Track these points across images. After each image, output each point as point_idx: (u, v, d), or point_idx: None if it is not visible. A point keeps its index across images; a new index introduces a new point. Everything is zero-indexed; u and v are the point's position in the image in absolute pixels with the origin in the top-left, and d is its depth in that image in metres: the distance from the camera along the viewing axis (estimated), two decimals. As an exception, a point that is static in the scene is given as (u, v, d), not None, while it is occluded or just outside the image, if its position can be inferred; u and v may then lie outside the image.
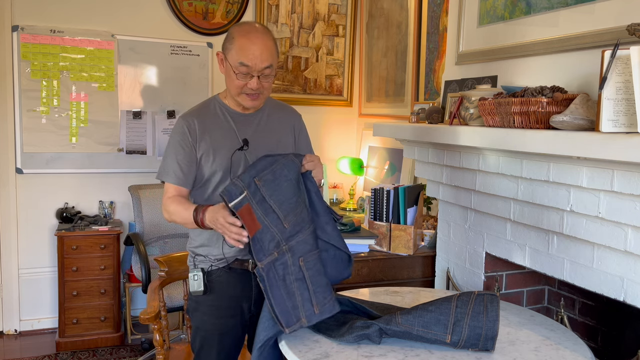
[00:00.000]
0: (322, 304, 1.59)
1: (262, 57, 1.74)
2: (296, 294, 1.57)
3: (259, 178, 1.66)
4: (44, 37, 3.63)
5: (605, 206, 1.61)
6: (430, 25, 3.43)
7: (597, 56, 1.55)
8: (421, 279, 2.71)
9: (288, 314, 1.55)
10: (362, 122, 4.37)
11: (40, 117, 3.66)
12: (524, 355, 1.49)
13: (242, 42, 1.75)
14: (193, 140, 1.82)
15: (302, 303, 1.57)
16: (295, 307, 1.56)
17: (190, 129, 1.83)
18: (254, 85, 1.77)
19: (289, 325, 1.54)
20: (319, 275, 1.63)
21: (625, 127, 1.46)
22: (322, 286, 1.62)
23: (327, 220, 1.74)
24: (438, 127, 2.24)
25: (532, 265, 2.01)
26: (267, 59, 1.76)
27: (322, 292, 1.60)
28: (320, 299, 1.59)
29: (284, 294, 1.56)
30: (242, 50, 1.74)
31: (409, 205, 2.67)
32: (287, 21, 4.22)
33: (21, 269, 3.72)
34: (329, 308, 1.60)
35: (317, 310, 1.58)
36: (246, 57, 1.74)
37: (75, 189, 3.79)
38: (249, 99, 1.81)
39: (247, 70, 1.75)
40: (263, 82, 1.79)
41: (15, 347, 3.54)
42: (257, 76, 1.76)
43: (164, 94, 3.93)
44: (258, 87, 1.77)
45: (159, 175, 1.88)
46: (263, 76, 1.77)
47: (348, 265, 1.78)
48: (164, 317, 2.22)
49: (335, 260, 1.75)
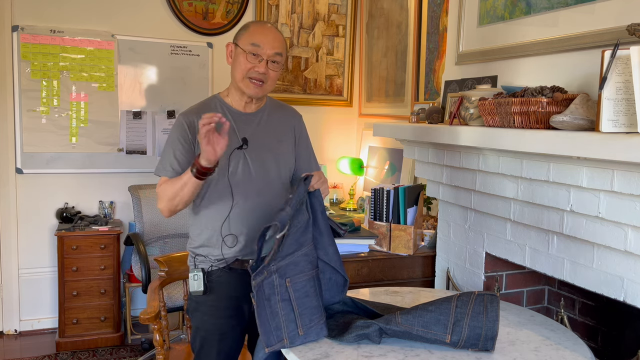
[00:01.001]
0: (307, 327, 1.56)
1: (274, 42, 1.81)
2: (280, 315, 1.55)
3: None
4: (44, 37, 3.63)
5: (605, 206, 1.61)
6: (430, 25, 3.43)
7: (597, 56, 1.55)
8: (421, 279, 2.71)
9: (269, 334, 1.54)
10: (362, 122, 4.37)
11: (40, 117, 3.66)
12: (524, 355, 1.49)
13: (256, 27, 1.85)
14: (192, 137, 1.83)
15: (286, 324, 1.55)
16: (279, 327, 1.55)
17: (190, 125, 1.83)
18: (262, 69, 1.80)
19: (269, 345, 1.53)
20: (306, 297, 1.59)
21: (625, 127, 1.46)
22: (310, 308, 1.58)
23: (330, 241, 1.72)
24: (438, 127, 2.24)
25: (532, 265, 2.01)
26: (279, 47, 1.83)
27: (309, 314, 1.57)
28: (306, 322, 1.56)
29: (268, 313, 1.55)
30: (256, 32, 1.82)
31: (409, 205, 2.67)
32: (287, 21, 4.22)
33: (21, 269, 3.72)
34: (315, 331, 1.57)
35: (302, 332, 1.55)
36: (259, 38, 1.81)
37: (75, 189, 3.79)
38: (253, 85, 1.82)
39: (258, 50, 1.79)
40: (270, 70, 1.82)
41: (15, 347, 3.54)
42: (266, 61, 1.80)
43: (164, 94, 3.93)
44: (265, 71, 1.80)
45: (157, 171, 1.87)
46: (271, 63, 1.81)
47: (343, 289, 1.74)
48: (164, 317, 2.22)
49: (331, 283, 1.72)
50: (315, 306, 1.59)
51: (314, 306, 1.59)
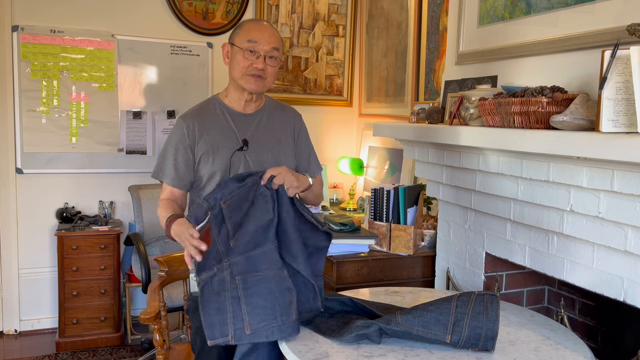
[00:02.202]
0: (255, 327, 1.53)
1: (270, 38, 1.82)
2: (228, 311, 1.54)
3: (224, 200, 1.61)
4: (44, 37, 3.63)
5: (605, 206, 1.61)
6: (430, 25, 3.43)
7: (597, 56, 1.55)
8: (421, 279, 2.71)
9: (213, 327, 1.53)
10: (362, 122, 4.37)
11: (40, 117, 3.66)
12: (524, 355, 1.49)
13: (251, 24, 1.85)
14: (191, 142, 1.83)
15: (232, 321, 1.53)
16: (224, 323, 1.53)
17: (189, 130, 1.83)
18: (260, 65, 1.80)
19: (211, 339, 1.52)
20: (258, 296, 1.55)
21: (625, 127, 1.46)
22: (261, 308, 1.54)
23: (298, 249, 1.65)
24: (438, 127, 2.24)
25: (532, 265, 2.01)
26: (275, 42, 1.83)
27: (259, 314, 1.53)
28: (255, 322, 1.53)
29: (214, 308, 1.54)
30: (252, 29, 1.83)
31: (409, 205, 2.67)
32: (287, 21, 4.22)
33: (21, 269, 3.72)
34: (265, 333, 1.53)
35: (249, 330, 1.53)
36: (255, 35, 1.81)
37: (75, 189, 3.79)
38: (253, 80, 1.82)
39: (255, 47, 1.80)
40: (268, 66, 1.82)
41: (15, 347, 3.54)
42: (263, 56, 1.81)
43: (164, 94, 3.93)
44: (263, 67, 1.81)
45: (154, 174, 1.88)
46: (269, 58, 1.82)
47: (315, 296, 1.68)
48: (164, 317, 2.22)
49: (305, 286, 1.67)
50: (269, 307, 1.54)
51: (267, 307, 1.54)
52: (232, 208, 1.62)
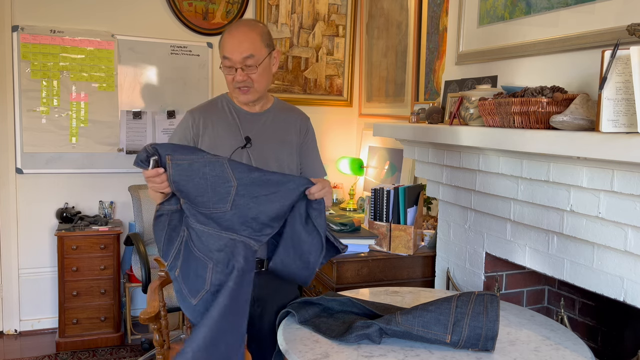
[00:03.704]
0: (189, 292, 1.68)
1: (240, 48, 1.77)
2: (174, 247, 1.72)
3: (172, 158, 1.58)
4: (44, 37, 3.63)
5: (605, 206, 1.61)
6: (430, 25, 3.43)
7: (597, 56, 1.55)
8: (421, 279, 2.71)
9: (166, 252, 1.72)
10: (362, 122, 4.37)
11: (40, 117, 3.66)
12: (524, 355, 1.49)
13: (224, 37, 1.82)
14: (195, 135, 1.84)
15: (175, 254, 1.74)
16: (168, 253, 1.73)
17: (195, 123, 1.86)
18: (239, 78, 1.79)
19: (163, 258, 1.71)
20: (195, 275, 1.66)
21: (625, 127, 1.46)
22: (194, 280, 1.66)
23: (294, 255, 1.76)
24: (438, 127, 2.24)
25: (532, 265, 2.01)
26: (247, 49, 1.77)
27: (190, 284, 1.68)
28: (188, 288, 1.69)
29: (167, 236, 1.70)
30: (223, 44, 1.81)
31: (409, 205, 2.67)
32: (287, 21, 4.22)
33: (21, 269, 3.72)
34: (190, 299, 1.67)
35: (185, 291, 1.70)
36: (226, 50, 1.79)
37: (75, 189, 3.79)
38: (241, 92, 1.83)
39: (229, 63, 1.79)
40: (250, 75, 1.80)
41: (15, 347, 3.54)
42: (240, 68, 1.78)
43: (164, 94, 3.93)
44: (244, 79, 1.79)
45: None
46: (246, 67, 1.79)
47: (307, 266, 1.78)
48: (164, 317, 2.21)
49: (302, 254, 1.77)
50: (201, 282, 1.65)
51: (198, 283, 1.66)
52: (179, 170, 1.59)
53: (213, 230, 1.64)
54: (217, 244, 1.64)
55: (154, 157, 1.57)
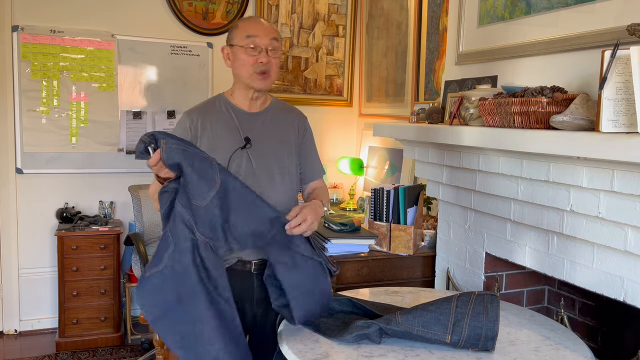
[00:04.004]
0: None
1: (267, 30, 1.82)
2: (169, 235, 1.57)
3: (167, 142, 1.54)
4: (44, 37, 3.63)
5: (605, 206, 1.61)
6: (430, 25, 3.43)
7: (597, 56, 1.55)
8: (421, 279, 2.71)
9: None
10: (362, 122, 4.37)
11: (40, 117, 3.66)
12: (524, 355, 1.49)
13: (246, 21, 1.86)
14: (193, 137, 1.83)
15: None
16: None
17: (192, 124, 1.84)
18: (264, 59, 1.80)
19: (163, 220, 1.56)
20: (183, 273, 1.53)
21: (625, 127, 1.46)
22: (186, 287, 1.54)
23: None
24: (438, 127, 2.24)
25: (532, 265, 2.01)
26: (273, 33, 1.84)
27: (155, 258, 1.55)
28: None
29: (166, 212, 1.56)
30: (248, 26, 1.83)
31: (409, 205, 2.67)
32: (287, 21, 4.22)
33: (21, 269, 3.72)
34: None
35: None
36: (253, 30, 1.81)
37: (75, 189, 3.79)
38: (260, 78, 1.83)
39: (254, 42, 1.80)
40: (272, 59, 1.83)
41: (15, 347, 3.54)
42: (265, 50, 1.81)
43: (164, 94, 3.93)
44: (267, 60, 1.81)
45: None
46: (271, 50, 1.82)
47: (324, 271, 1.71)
48: (164, 317, 2.21)
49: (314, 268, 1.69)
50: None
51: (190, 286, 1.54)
52: (172, 154, 1.54)
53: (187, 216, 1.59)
54: (184, 232, 1.59)
55: (152, 145, 1.56)
